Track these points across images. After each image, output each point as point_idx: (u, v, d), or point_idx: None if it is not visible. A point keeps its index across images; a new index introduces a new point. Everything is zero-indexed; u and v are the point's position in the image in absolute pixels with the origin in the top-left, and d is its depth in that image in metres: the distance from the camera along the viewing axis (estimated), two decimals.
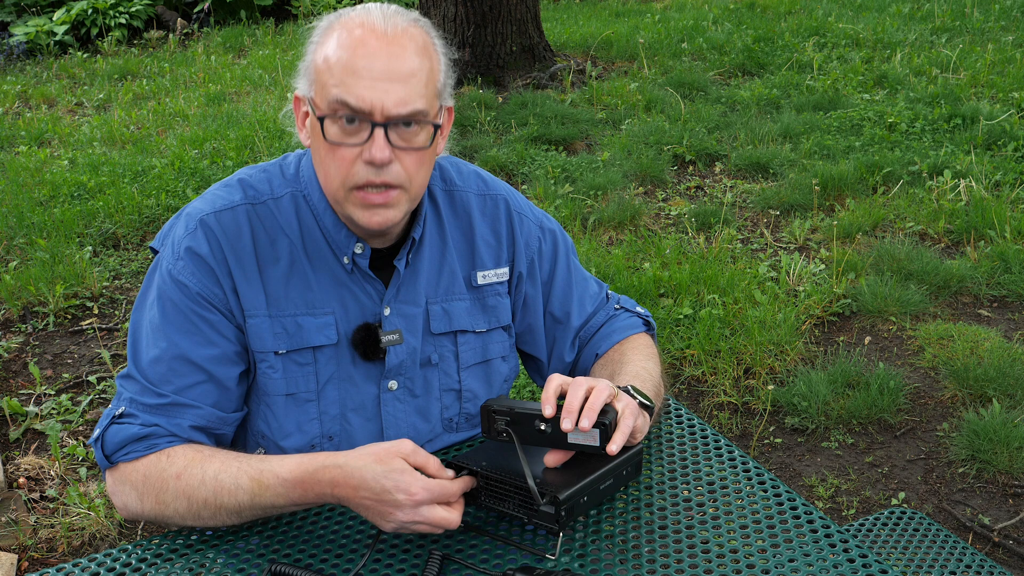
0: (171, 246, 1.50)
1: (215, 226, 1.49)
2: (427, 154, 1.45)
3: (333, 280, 1.54)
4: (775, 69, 7.23)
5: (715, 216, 4.77)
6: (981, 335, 3.63)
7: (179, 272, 1.47)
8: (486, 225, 1.65)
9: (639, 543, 1.34)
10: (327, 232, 1.53)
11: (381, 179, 1.40)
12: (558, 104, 6.50)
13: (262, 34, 9.54)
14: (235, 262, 1.49)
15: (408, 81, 1.38)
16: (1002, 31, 7.87)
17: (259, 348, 1.51)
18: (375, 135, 1.37)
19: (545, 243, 1.70)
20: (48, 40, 9.29)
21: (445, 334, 1.61)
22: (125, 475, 1.44)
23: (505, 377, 1.71)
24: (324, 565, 1.34)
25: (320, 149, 1.44)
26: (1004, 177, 4.94)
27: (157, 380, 1.46)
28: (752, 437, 3.22)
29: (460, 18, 6.97)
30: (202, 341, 1.47)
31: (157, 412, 1.45)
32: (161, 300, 1.48)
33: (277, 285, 1.51)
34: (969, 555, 2.00)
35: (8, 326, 4.12)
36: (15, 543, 2.82)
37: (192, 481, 1.39)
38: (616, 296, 1.81)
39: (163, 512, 1.42)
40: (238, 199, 1.52)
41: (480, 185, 1.67)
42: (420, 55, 1.40)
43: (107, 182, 5.44)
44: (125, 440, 1.43)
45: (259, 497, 1.37)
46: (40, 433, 3.37)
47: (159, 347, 1.46)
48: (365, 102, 1.36)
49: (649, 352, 1.69)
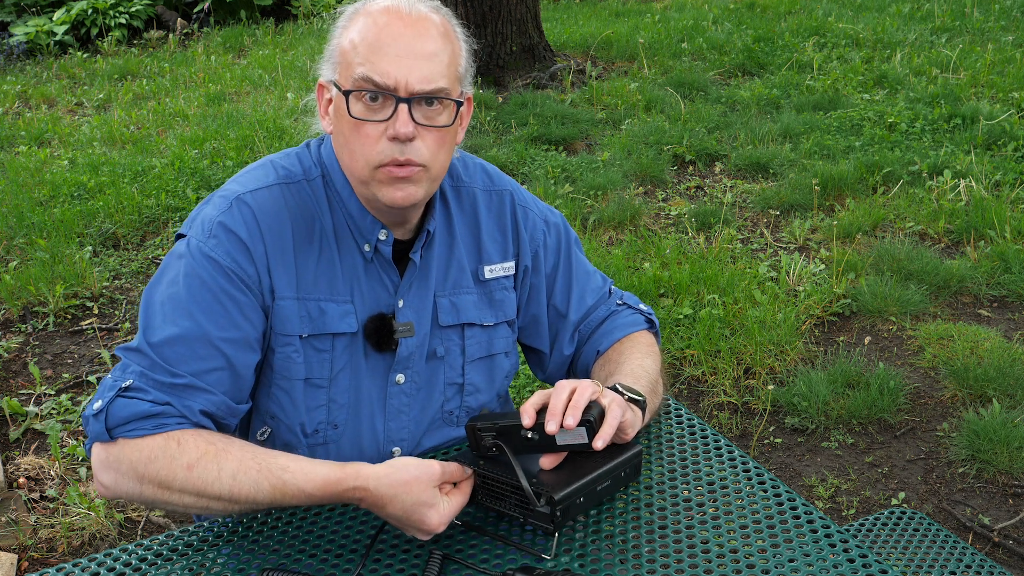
0: (201, 224, 1.47)
1: (253, 203, 1.48)
2: (449, 135, 1.47)
3: (352, 269, 1.54)
4: (775, 69, 7.23)
5: (715, 216, 4.77)
6: (981, 335, 3.63)
7: (211, 249, 1.44)
8: (492, 220, 1.66)
9: (639, 543, 1.34)
10: (352, 218, 1.53)
11: (405, 156, 1.41)
12: (558, 104, 6.50)
13: (262, 34, 9.54)
14: (272, 241, 1.47)
15: (431, 60, 1.42)
16: (1002, 31, 7.87)
17: (285, 331, 1.49)
18: (399, 111, 1.40)
19: (549, 236, 1.72)
20: (48, 40, 9.29)
21: (453, 327, 1.62)
22: (125, 453, 1.36)
23: (507, 373, 1.72)
24: (324, 565, 1.34)
25: (344, 129, 1.45)
26: (1004, 177, 4.94)
27: (174, 360, 1.40)
28: (752, 437, 3.22)
29: (460, 18, 6.90)
30: (227, 323, 1.43)
31: (170, 391, 1.39)
32: (188, 277, 1.44)
33: (307, 268, 1.51)
34: (969, 555, 2.00)
35: (8, 326, 4.12)
36: (15, 543, 2.82)
37: (207, 477, 1.34)
38: (620, 292, 1.81)
39: (163, 499, 1.36)
40: (273, 179, 1.52)
41: (486, 181, 1.69)
42: (443, 38, 1.45)
43: (107, 182, 5.44)
44: (132, 416, 1.36)
45: (278, 502, 1.36)
46: (40, 433, 3.37)
47: (180, 325, 1.41)
48: (390, 78, 1.39)
49: (648, 350, 1.69)
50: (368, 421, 1.58)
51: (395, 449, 1.61)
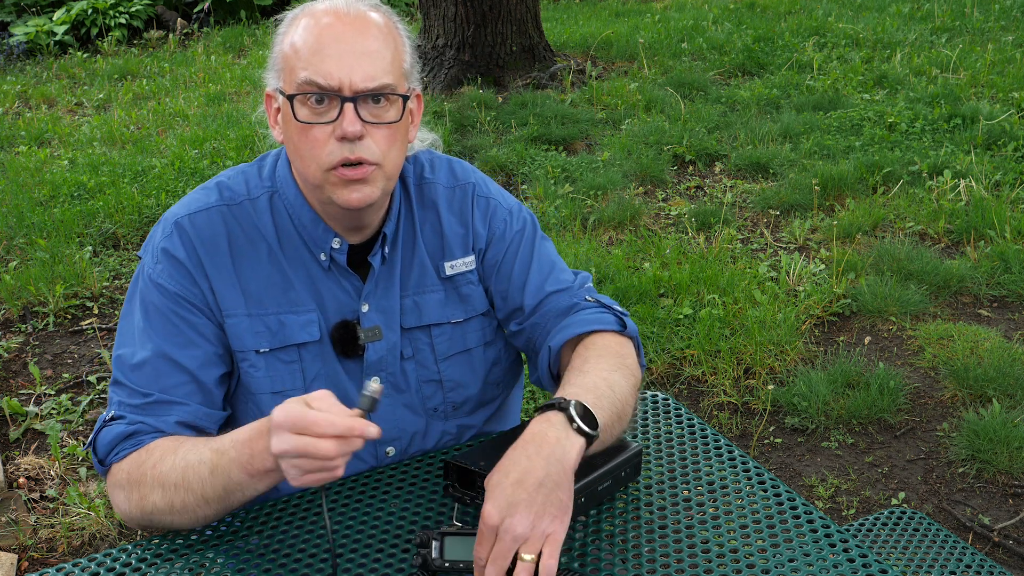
0: (150, 251, 1.53)
1: (189, 227, 1.51)
2: (399, 130, 1.46)
3: (310, 279, 1.54)
4: (775, 69, 7.23)
5: (715, 216, 4.77)
6: (981, 335, 3.63)
7: (157, 275, 1.50)
8: (453, 215, 1.63)
9: (639, 543, 1.34)
10: (304, 229, 1.54)
11: (356, 155, 1.41)
12: (558, 104, 6.50)
13: (262, 34, 9.54)
14: (210, 262, 1.50)
15: (374, 57, 1.41)
16: (1002, 31, 7.87)
17: (239, 348, 1.52)
18: (345, 110, 1.39)
19: (512, 222, 1.65)
20: (48, 40, 9.29)
21: (418, 328, 1.61)
22: (115, 476, 1.45)
23: (492, 361, 1.67)
24: (325, 565, 1.34)
25: (293, 136, 1.45)
26: (1004, 177, 4.94)
27: (143, 382, 1.47)
28: (752, 437, 3.22)
29: (460, 18, 6.96)
30: (184, 343, 1.49)
31: (143, 411, 1.46)
32: (143, 304, 1.50)
33: (256, 284, 1.52)
34: (969, 555, 2.00)
35: (8, 326, 4.12)
36: (15, 543, 2.82)
37: (164, 467, 1.39)
38: (592, 288, 1.67)
39: (144, 507, 1.41)
40: (213, 200, 1.54)
41: (449, 178, 1.66)
42: (384, 35, 1.45)
43: (107, 182, 5.44)
44: (114, 440, 1.45)
45: (217, 468, 1.34)
46: (40, 433, 3.37)
47: (145, 350, 1.48)
48: (333, 79, 1.39)
49: (619, 362, 1.48)
50: None
51: (388, 450, 1.62)
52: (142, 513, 1.42)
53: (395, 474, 1.56)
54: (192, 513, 1.39)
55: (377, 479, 1.55)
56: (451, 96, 6.84)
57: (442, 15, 7.01)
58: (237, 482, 1.34)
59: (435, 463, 1.58)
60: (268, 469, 1.31)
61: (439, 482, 1.52)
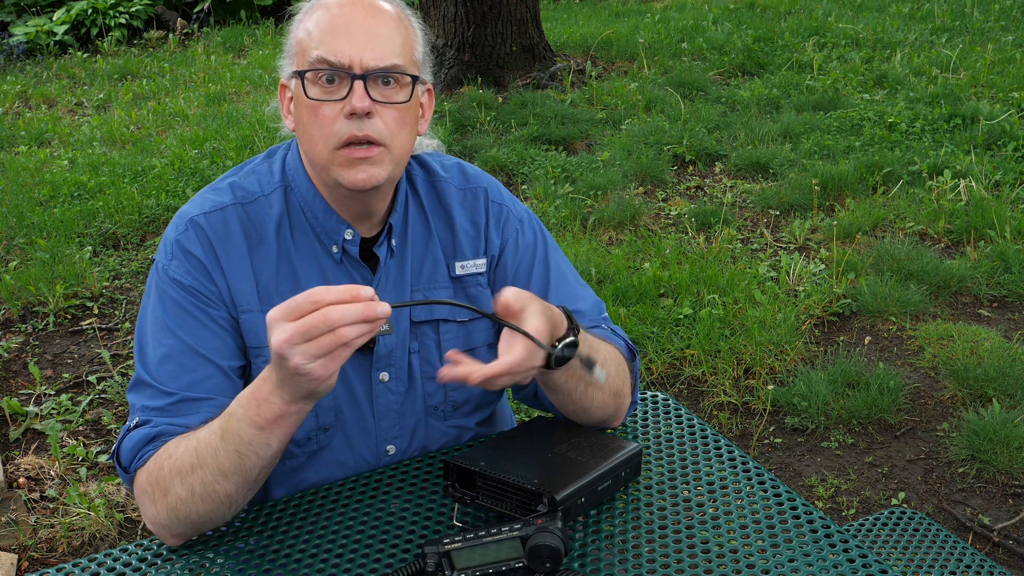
0: (164, 247, 1.53)
1: (205, 224, 1.51)
2: (408, 114, 1.47)
3: (320, 271, 1.55)
4: (775, 69, 7.24)
5: (715, 216, 4.77)
6: (981, 335, 3.63)
7: (174, 271, 1.50)
8: (466, 217, 1.64)
9: (639, 543, 1.34)
10: (316, 221, 1.54)
11: (363, 132, 1.41)
12: (558, 104, 6.50)
13: (262, 34, 9.54)
14: (226, 259, 1.51)
15: (385, 40, 1.44)
16: (1002, 31, 7.87)
17: (254, 343, 1.52)
18: (355, 87, 1.41)
19: (524, 233, 1.67)
20: (48, 40, 9.29)
21: (426, 322, 1.61)
22: (139, 483, 1.42)
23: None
24: (325, 565, 1.34)
25: (304, 116, 1.46)
26: (1004, 177, 4.94)
27: (166, 378, 1.45)
28: (752, 437, 3.22)
29: (460, 18, 6.97)
30: (206, 334, 1.48)
31: (168, 412, 1.44)
32: (162, 299, 1.50)
33: (269, 279, 1.52)
34: (969, 555, 2.00)
35: (8, 326, 4.12)
36: (15, 543, 2.82)
37: (179, 453, 1.37)
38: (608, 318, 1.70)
39: (169, 504, 1.37)
40: (228, 200, 1.54)
41: (461, 179, 1.67)
42: (397, 22, 1.48)
43: (107, 182, 5.44)
44: (136, 445, 1.42)
45: (227, 432, 1.32)
46: (40, 433, 3.37)
47: (166, 345, 1.47)
48: (344, 56, 1.41)
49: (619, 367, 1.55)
50: (358, 422, 1.58)
51: (389, 448, 1.61)
52: (169, 512, 1.37)
53: (395, 474, 1.56)
54: (213, 495, 1.35)
55: (377, 479, 1.55)
56: (451, 96, 6.84)
57: (442, 15, 7.01)
58: (248, 440, 1.31)
59: (435, 463, 1.58)
60: (277, 415, 1.29)
61: (439, 482, 1.52)
